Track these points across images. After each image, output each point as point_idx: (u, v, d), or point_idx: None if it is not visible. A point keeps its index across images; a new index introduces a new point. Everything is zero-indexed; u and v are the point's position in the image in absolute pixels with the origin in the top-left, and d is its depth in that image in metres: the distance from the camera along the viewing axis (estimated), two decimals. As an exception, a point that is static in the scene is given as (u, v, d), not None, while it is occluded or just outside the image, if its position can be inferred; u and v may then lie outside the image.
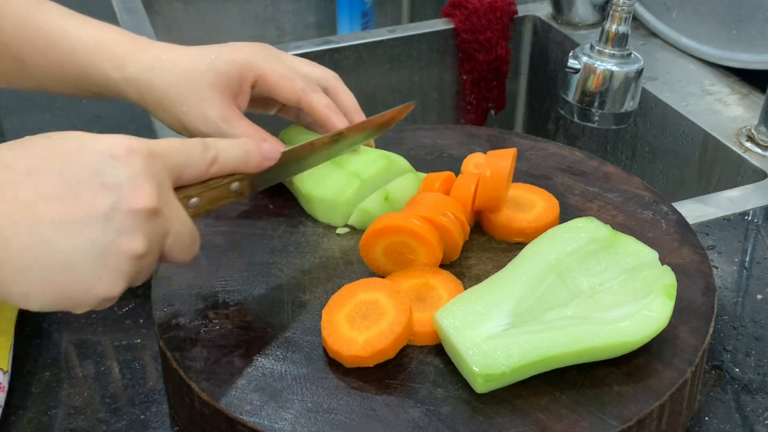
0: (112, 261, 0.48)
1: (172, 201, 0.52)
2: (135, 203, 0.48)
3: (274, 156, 0.60)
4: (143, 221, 0.49)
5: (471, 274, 0.65)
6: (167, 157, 0.52)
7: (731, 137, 0.97)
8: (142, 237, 0.49)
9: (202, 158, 0.55)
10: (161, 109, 0.70)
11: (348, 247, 0.67)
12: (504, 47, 1.24)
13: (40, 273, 0.47)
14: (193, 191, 0.56)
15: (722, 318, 0.70)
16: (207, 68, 0.69)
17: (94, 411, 0.61)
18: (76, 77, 0.69)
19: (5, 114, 1.00)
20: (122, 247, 0.48)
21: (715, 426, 0.61)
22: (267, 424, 0.52)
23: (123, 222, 0.48)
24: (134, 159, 0.49)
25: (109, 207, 0.47)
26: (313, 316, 0.60)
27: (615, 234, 0.61)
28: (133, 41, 0.70)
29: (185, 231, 0.53)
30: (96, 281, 0.48)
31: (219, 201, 0.58)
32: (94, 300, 0.49)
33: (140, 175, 0.49)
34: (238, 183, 0.59)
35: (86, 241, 0.47)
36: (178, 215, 0.52)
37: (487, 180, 0.66)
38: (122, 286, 0.49)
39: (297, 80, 0.71)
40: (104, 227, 0.47)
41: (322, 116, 0.71)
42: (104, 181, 0.48)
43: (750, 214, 0.83)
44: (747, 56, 1.07)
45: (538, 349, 0.54)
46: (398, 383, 0.55)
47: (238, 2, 1.53)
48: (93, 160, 0.48)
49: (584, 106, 0.95)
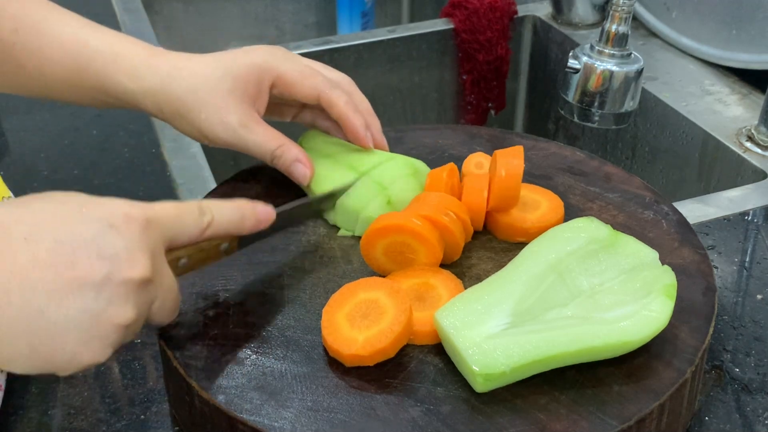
0: (101, 330, 0.48)
1: (163, 268, 0.52)
2: (129, 274, 0.48)
3: (268, 219, 0.60)
4: (134, 291, 0.49)
5: (471, 273, 0.65)
6: (163, 225, 0.52)
7: (731, 137, 0.97)
8: (132, 307, 0.49)
9: (198, 223, 0.55)
10: (179, 117, 0.69)
11: (348, 247, 0.67)
12: (504, 47, 1.24)
13: (27, 341, 0.46)
14: (183, 252, 0.56)
15: (722, 318, 0.70)
16: (224, 74, 0.68)
17: (94, 411, 0.61)
18: (93, 88, 0.69)
19: (5, 114, 1.00)
20: (112, 316, 0.48)
21: (715, 426, 0.61)
22: (267, 422, 0.52)
23: (115, 292, 0.48)
24: (131, 228, 0.49)
25: (103, 277, 0.47)
26: (314, 315, 0.60)
27: (615, 234, 0.61)
28: (149, 52, 0.70)
29: (171, 297, 0.54)
30: (83, 350, 0.48)
31: (207, 261, 0.58)
32: (79, 366, 0.48)
33: (136, 245, 0.49)
34: (227, 244, 0.59)
35: (77, 310, 0.47)
36: (166, 282, 0.53)
37: (503, 180, 0.66)
38: (107, 355, 0.49)
39: (316, 76, 0.70)
40: (96, 296, 0.47)
41: (342, 113, 0.70)
42: (101, 251, 0.48)
43: (750, 214, 0.83)
44: (747, 56, 1.07)
45: (538, 348, 0.54)
46: (398, 382, 0.55)
47: (238, 2, 1.53)
48: (90, 229, 0.48)
49: (584, 106, 0.95)
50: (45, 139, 0.95)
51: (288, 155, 0.70)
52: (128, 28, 1.18)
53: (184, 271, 0.57)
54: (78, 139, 0.96)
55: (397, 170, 0.70)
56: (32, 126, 0.97)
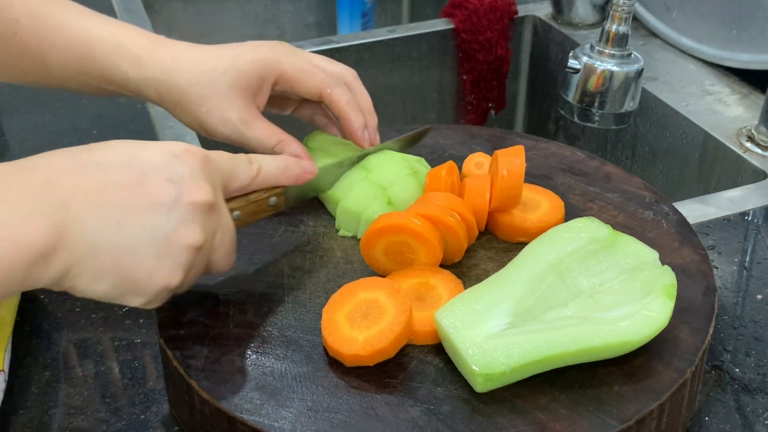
0: (173, 249, 0.52)
1: (222, 202, 0.56)
2: (196, 197, 0.53)
3: (312, 170, 0.65)
4: (201, 215, 0.53)
5: (472, 274, 0.65)
6: (220, 163, 0.57)
7: (731, 137, 0.97)
8: (199, 229, 0.53)
9: (248, 170, 0.59)
10: (180, 109, 0.70)
11: (348, 247, 0.67)
12: (504, 47, 1.24)
13: (109, 253, 0.50)
14: (236, 204, 0.60)
15: (722, 318, 0.70)
16: (227, 69, 0.69)
17: (94, 411, 0.61)
18: (96, 76, 0.70)
19: (5, 114, 1.00)
20: (182, 236, 0.52)
21: (715, 426, 0.61)
22: (267, 422, 0.52)
23: (184, 213, 0.52)
24: (193, 159, 0.54)
25: (173, 198, 0.52)
26: (314, 315, 0.60)
27: (615, 234, 0.61)
28: (152, 41, 0.70)
29: (229, 236, 0.57)
30: (157, 267, 0.52)
31: (257, 215, 0.62)
32: (153, 288, 0.52)
33: (199, 172, 0.54)
34: (275, 198, 0.63)
35: (151, 227, 0.51)
36: (225, 219, 0.57)
37: (505, 179, 0.66)
38: (179, 277, 0.53)
39: (319, 74, 0.71)
40: (167, 216, 0.52)
41: (343, 111, 0.71)
42: (168, 175, 0.52)
43: (750, 214, 0.83)
44: (747, 56, 1.07)
45: (537, 348, 0.54)
46: (398, 382, 0.55)
47: (238, 2, 1.53)
48: (158, 157, 0.53)
49: (584, 106, 0.95)
50: (45, 139, 0.95)
51: (287, 151, 0.70)
52: (128, 28, 1.18)
53: (239, 224, 0.60)
54: (78, 140, 0.96)
55: (396, 171, 0.70)
56: (32, 126, 0.97)
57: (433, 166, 0.72)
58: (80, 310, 0.70)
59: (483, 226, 0.68)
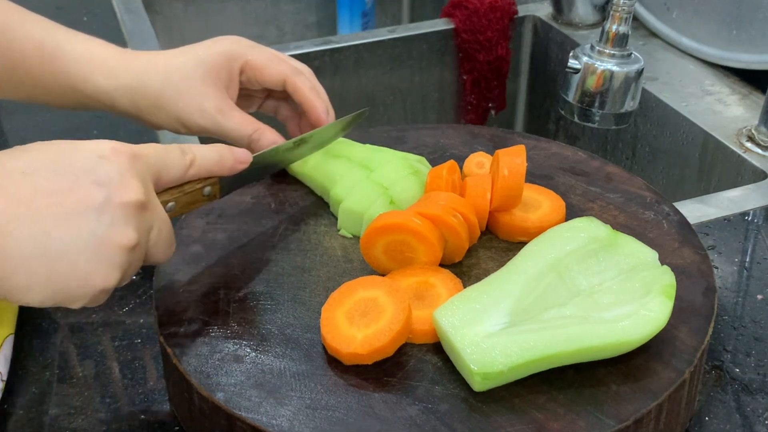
0: (106, 252, 0.51)
1: (154, 198, 0.55)
2: (126, 197, 0.51)
3: (246, 160, 0.63)
4: (133, 214, 0.52)
5: (472, 273, 0.65)
6: (149, 158, 0.55)
7: (731, 137, 0.97)
8: (132, 229, 0.52)
9: (181, 161, 0.58)
10: (156, 110, 0.72)
11: (349, 245, 0.67)
12: (504, 47, 1.24)
13: (41, 263, 0.49)
14: (169, 196, 0.59)
15: (722, 318, 0.70)
16: (196, 64, 0.71)
17: (94, 411, 0.61)
18: (66, 88, 0.71)
19: (5, 114, 1.00)
20: (115, 238, 0.51)
21: (715, 426, 0.61)
22: (265, 420, 0.53)
23: (115, 215, 0.51)
24: (120, 158, 0.53)
25: (102, 201, 0.51)
26: (313, 313, 0.60)
27: (615, 234, 0.61)
28: (122, 53, 0.73)
29: (166, 228, 0.56)
30: (92, 271, 0.50)
31: (192, 205, 0.61)
32: (90, 291, 0.51)
33: (127, 171, 0.52)
34: (210, 187, 0.62)
35: (82, 232, 0.50)
36: (159, 212, 0.56)
37: (506, 179, 0.66)
38: (116, 278, 0.52)
39: (283, 62, 0.74)
40: (98, 219, 0.50)
41: (306, 97, 0.73)
42: (96, 178, 0.51)
43: (750, 214, 0.83)
44: (747, 56, 1.07)
45: (536, 348, 0.54)
46: (396, 381, 0.55)
47: (238, 2, 1.53)
48: (83, 160, 0.52)
49: (584, 106, 0.95)
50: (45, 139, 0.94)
51: (264, 139, 0.72)
52: (128, 28, 1.18)
53: (173, 214, 0.59)
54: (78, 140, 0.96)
55: (397, 171, 0.70)
56: (32, 126, 0.97)
57: (434, 165, 0.72)
58: (80, 310, 0.70)
59: (484, 225, 0.68)
